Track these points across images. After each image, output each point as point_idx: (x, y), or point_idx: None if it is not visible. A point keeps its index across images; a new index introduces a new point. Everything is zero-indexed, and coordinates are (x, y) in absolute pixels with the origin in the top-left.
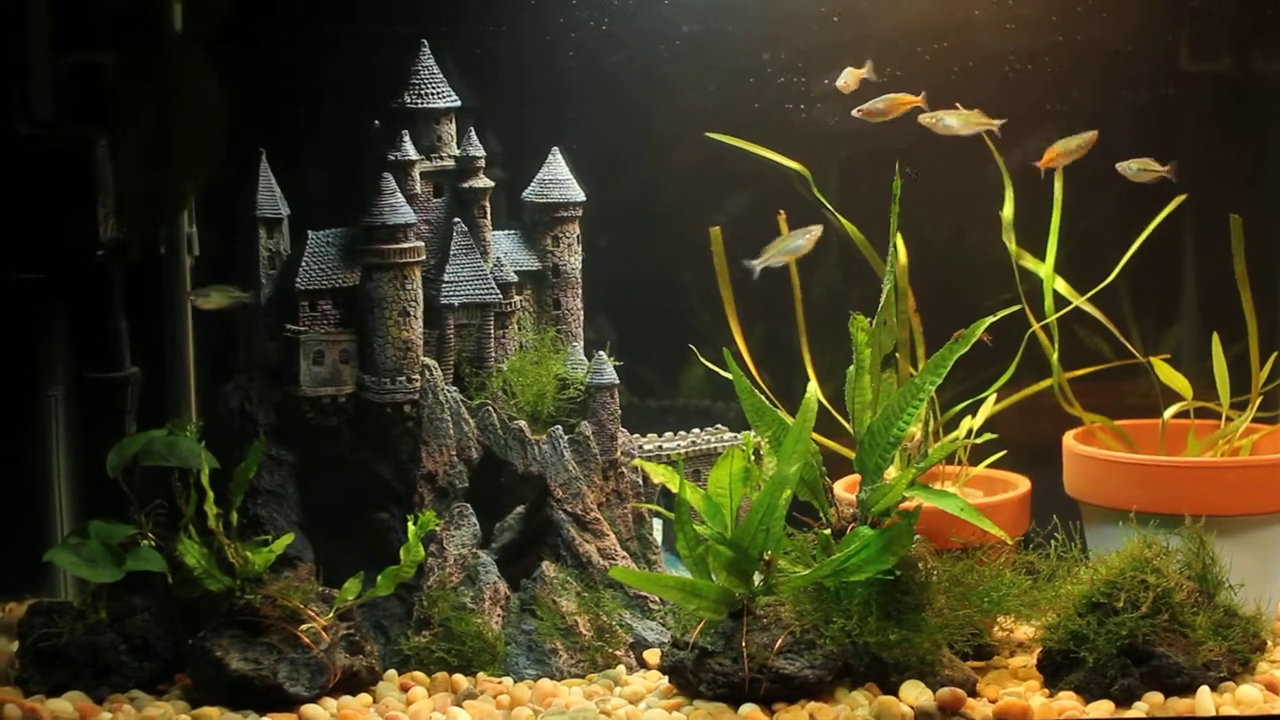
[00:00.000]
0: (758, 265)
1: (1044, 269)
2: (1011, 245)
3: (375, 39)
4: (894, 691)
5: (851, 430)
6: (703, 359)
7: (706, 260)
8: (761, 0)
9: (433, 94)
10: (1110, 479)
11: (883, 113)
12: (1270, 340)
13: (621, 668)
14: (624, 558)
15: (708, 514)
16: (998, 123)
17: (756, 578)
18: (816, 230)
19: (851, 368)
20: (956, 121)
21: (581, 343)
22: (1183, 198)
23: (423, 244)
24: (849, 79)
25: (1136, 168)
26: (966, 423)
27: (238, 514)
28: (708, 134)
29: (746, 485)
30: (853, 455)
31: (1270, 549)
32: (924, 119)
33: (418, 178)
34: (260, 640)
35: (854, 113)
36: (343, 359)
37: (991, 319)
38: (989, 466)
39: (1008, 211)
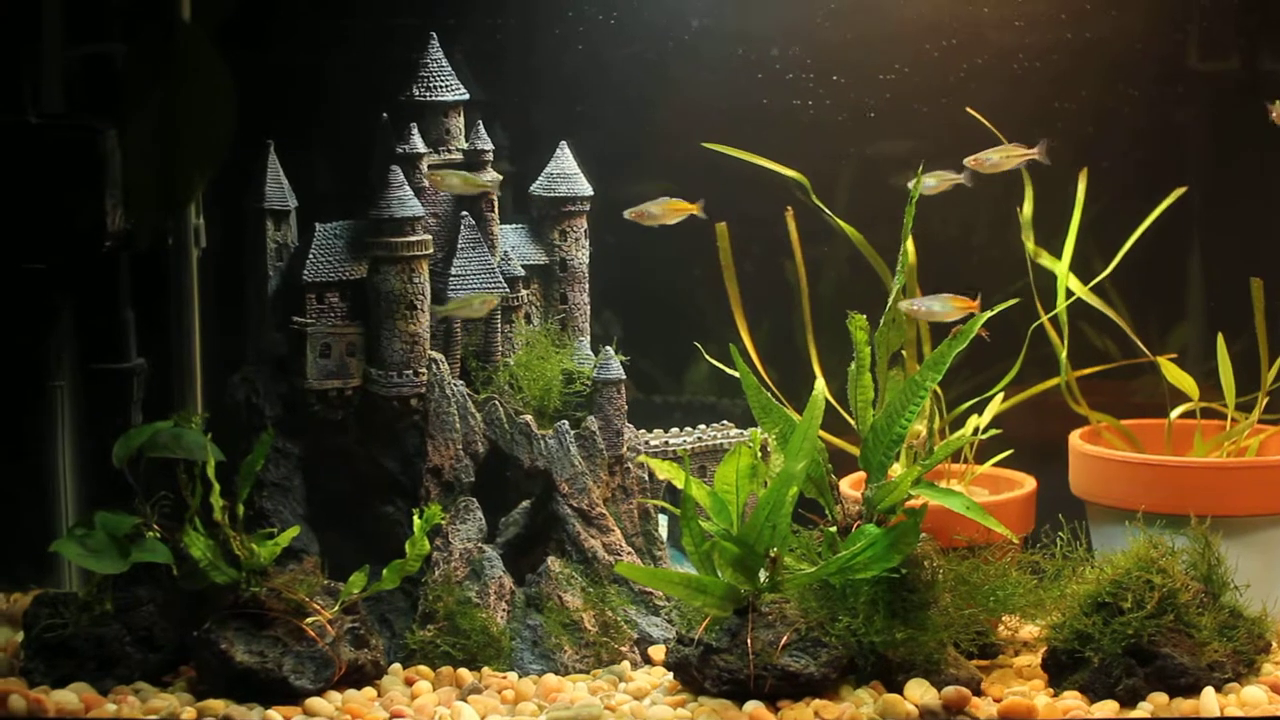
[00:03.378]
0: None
1: (1059, 267)
2: (1030, 244)
3: (384, 31)
4: (899, 690)
5: (856, 427)
6: (708, 356)
7: (713, 256)
8: None
9: (441, 87)
10: (1116, 479)
11: (657, 219)
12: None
13: (626, 664)
14: (629, 553)
15: (714, 510)
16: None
17: (762, 575)
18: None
19: (853, 366)
20: (458, 180)
21: (588, 337)
22: (1182, 190)
23: (430, 237)
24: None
25: (996, 157)
26: (973, 420)
27: (243, 506)
28: (704, 144)
29: (753, 482)
30: (858, 452)
31: (1276, 550)
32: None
33: (426, 171)
34: (265, 633)
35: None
36: (349, 352)
37: (989, 313)
38: (995, 465)
39: (1027, 211)
